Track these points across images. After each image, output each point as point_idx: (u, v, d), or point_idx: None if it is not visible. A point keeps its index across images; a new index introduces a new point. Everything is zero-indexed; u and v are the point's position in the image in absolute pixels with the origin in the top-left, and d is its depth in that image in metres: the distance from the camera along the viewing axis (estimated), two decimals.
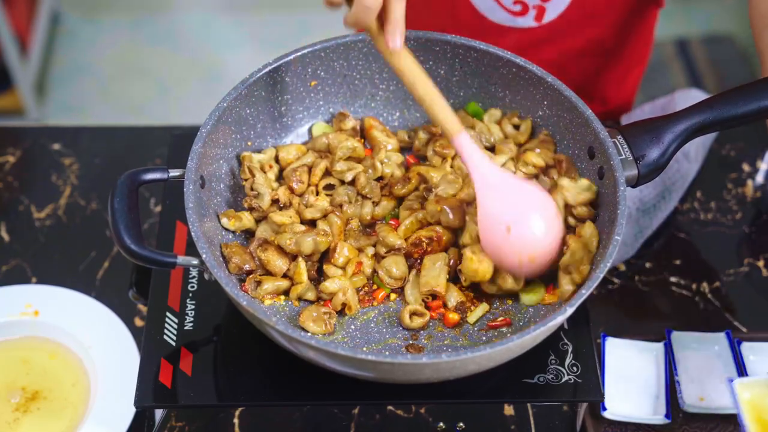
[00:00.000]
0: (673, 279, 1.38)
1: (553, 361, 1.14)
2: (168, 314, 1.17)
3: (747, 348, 1.25)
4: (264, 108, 1.24)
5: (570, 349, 1.15)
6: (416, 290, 1.15)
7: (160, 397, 1.11)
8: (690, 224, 1.45)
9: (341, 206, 1.21)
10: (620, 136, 1.13)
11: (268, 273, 1.14)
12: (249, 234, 1.19)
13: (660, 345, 1.25)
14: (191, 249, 1.23)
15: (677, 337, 1.26)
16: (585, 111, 1.16)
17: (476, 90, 1.28)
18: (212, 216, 1.16)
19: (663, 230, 1.43)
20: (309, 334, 1.07)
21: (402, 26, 1.06)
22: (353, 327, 1.14)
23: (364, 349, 1.11)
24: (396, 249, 1.16)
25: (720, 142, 1.54)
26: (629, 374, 1.23)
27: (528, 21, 1.44)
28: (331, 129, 1.29)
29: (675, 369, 1.23)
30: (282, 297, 1.15)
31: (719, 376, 1.23)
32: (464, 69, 1.27)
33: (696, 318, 1.33)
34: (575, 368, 1.13)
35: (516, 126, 1.27)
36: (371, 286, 1.17)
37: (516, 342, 0.99)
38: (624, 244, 1.38)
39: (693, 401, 1.21)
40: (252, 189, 1.19)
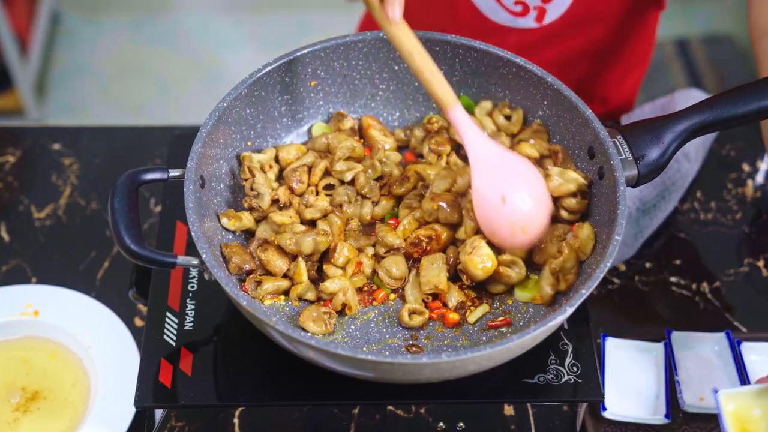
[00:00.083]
0: (673, 279, 1.38)
1: (553, 361, 1.14)
2: (168, 314, 1.17)
3: (747, 348, 1.25)
4: (264, 108, 1.24)
5: (570, 349, 1.15)
6: (416, 290, 1.15)
7: (160, 397, 1.11)
8: (690, 224, 1.45)
9: (341, 206, 1.21)
10: (620, 136, 1.13)
11: (268, 273, 1.14)
12: (249, 234, 1.19)
13: (660, 345, 1.25)
14: (191, 249, 1.23)
15: (677, 337, 1.26)
16: (585, 111, 1.16)
17: (476, 90, 1.28)
18: (212, 216, 1.16)
19: (663, 230, 1.43)
20: (309, 334, 1.07)
21: None
22: (353, 327, 1.14)
23: (364, 349, 1.11)
24: (395, 249, 1.16)
25: (720, 142, 1.54)
26: (629, 374, 1.23)
27: (529, 22, 1.44)
28: (331, 129, 1.29)
29: (675, 369, 1.23)
30: (282, 297, 1.15)
31: (719, 376, 1.23)
32: (464, 69, 1.27)
33: (696, 318, 1.33)
34: (575, 368, 1.13)
35: (507, 117, 1.27)
36: (371, 286, 1.17)
37: (516, 342, 0.99)
38: (624, 244, 1.38)
39: (693, 401, 1.21)
40: (252, 189, 1.19)
